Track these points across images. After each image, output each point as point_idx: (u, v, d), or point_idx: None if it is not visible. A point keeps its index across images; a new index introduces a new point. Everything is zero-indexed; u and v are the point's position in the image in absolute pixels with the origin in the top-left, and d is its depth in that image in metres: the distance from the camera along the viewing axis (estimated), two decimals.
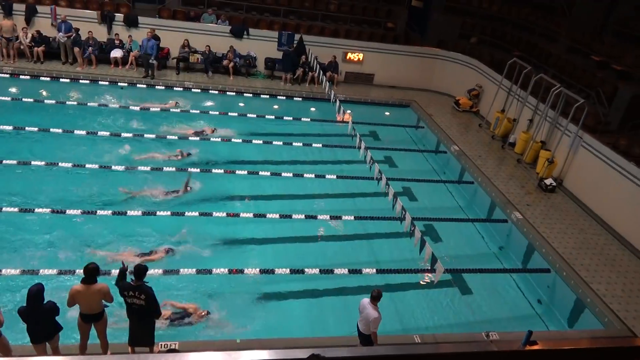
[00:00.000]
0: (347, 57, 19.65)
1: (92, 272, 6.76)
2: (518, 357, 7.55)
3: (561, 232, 11.86)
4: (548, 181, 13.75)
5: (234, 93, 17.78)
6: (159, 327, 8.09)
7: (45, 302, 6.54)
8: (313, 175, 13.50)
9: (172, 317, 8.62)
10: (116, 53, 17.74)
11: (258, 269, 9.88)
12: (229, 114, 16.30)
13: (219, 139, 14.75)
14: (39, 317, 6.54)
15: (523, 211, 12.45)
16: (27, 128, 13.51)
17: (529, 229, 11.77)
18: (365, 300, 7.66)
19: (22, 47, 16.94)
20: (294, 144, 15.13)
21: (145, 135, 14.22)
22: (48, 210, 10.53)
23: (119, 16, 18.06)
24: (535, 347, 7.52)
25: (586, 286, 10.12)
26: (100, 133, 14.00)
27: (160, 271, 9.46)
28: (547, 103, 14.61)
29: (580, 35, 17.42)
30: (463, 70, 19.55)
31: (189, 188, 12.07)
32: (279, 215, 11.64)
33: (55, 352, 6.94)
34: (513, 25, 20.39)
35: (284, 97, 18.25)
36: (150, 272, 8.52)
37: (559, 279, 10.56)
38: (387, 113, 18.79)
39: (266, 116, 16.68)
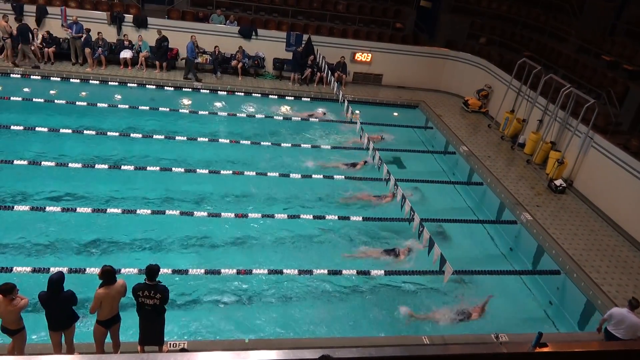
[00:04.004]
0: (356, 58, 19.62)
1: (110, 273, 6.91)
2: (528, 359, 7.49)
3: (571, 234, 11.77)
4: (558, 182, 13.64)
5: (243, 94, 17.84)
6: (445, 324, 9.24)
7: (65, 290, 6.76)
8: (321, 176, 13.50)
9: (457, 318, 9.44)
10: (126, 54, 17.86)
11: (267, 270, 9.90)
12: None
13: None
14: (58, 304, 6.75)
15: (533, 212, 12.37)
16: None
17: (538, 230, 11.69)
18: (623, 310, 8.22)
19: (32, 47, 17.08)
20: (302, 145, 15.13)
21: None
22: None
23: (129, 17, 18.19)
24: (546, 350, 7.43)
25: (597, 288, 10.04)
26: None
27: None
28: (557, 103, 14.51)
29: (590, 35, 17.28)
30: (472, 71, 19.47)
31: (389, 195, 12.76)
32: (287, 215, 11.67)
33: (70, 346, 7.06)
34: (522, 25, 20.28)
35: (292, 98, 18.27)
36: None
37: (569, 280, 10.48)
38: (395, 113, 18.73)
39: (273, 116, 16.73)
